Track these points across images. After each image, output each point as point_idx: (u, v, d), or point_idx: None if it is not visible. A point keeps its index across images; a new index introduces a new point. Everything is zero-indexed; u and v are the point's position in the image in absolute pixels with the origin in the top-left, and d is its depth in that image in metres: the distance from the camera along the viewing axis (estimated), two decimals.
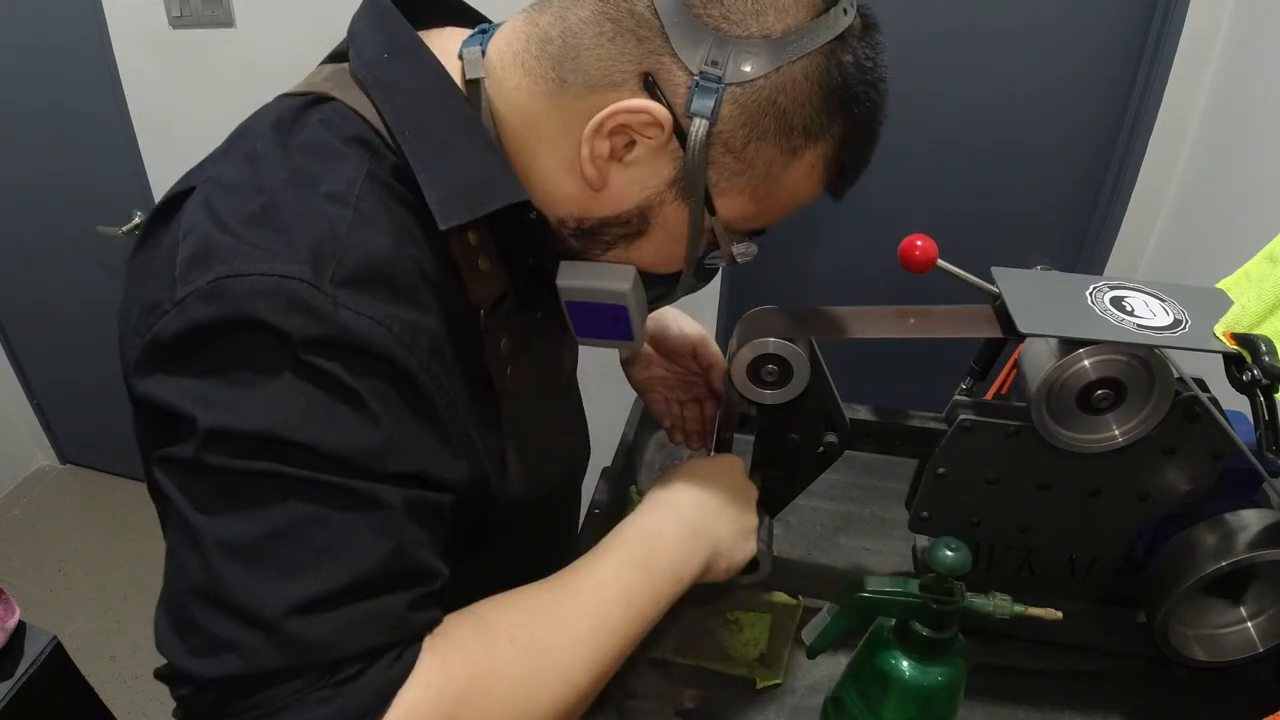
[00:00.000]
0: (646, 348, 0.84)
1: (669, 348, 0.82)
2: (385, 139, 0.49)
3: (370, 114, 0.50)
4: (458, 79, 0.52)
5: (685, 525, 0.60)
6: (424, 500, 0.46)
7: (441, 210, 0.48)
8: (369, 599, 0.43)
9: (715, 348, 0.81)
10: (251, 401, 0.42)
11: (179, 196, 0.48)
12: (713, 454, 0.74)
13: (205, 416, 0.41)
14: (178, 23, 1.65)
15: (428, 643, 0.45)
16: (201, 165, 0.51)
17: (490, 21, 0.57)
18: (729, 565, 0.62)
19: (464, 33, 0.55)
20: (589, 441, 0.80)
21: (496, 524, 0.60)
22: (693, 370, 0.82)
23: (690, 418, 0.85)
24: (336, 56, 0.55)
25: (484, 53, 0.52)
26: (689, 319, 0.83)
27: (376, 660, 0.43)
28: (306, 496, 0.42)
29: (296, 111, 0.49)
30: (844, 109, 0.49)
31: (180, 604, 0.42)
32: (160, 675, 0.44)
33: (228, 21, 1.62)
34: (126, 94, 1.78)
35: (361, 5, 0.54)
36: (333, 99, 0.50)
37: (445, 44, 0.53)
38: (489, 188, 0.49)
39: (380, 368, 0.44)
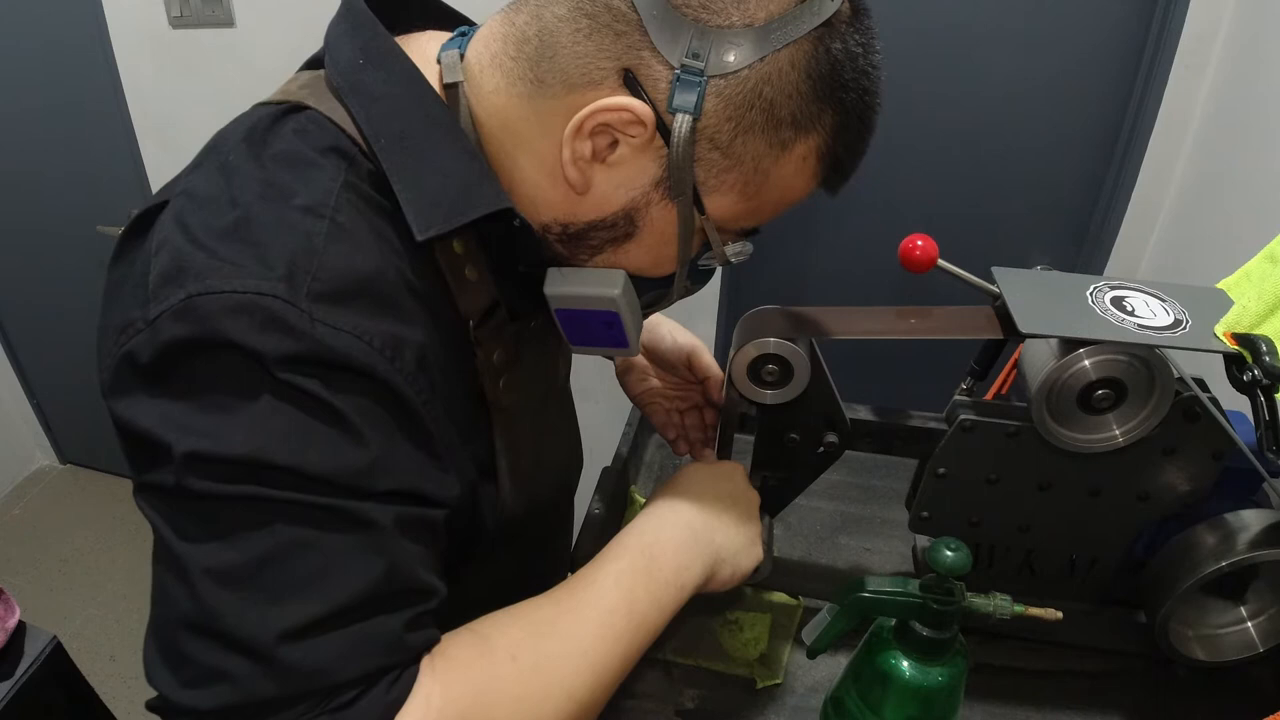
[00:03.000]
0: (642, 360, 0.83)
1: (663, 359, 0.81)
2: (362, 147, 0.48)
3: (346, 122, 0.48)
4: (436, 84, 0.51)
5: (686, 532, 0.59)
6: (416, 517, 0.45)
7: (419, 220, 0.47)
8: (363, 621, 0.42)
9: (709, 358, 0.79)
10: (230, 425, 0.40)
11: (153, 210, 0.47)
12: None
13: (183, 442, 0.40)
14: (178, 23, 1.65)
15: (426, 663, 0.44)
16: (177, 178, 0.50)
17: (472, 23, 0.56)
18: (733, 573, 0.61)
19: (443, 36, 0.54)
20: (582, 452, 0.79)
21: (488, 536, 0.59)
22: (689, 380, 0.81)
23: (692, 426, 0.84)
24: (314, 63, 0.54)
25: (462, 56, 0.51)
26: (682, 329, 0.81)
27: (374, 684, 0.42)
28: (293, 519, 0.41)
29: (270, 121, 0.48)
30: (834, 98, 0.47)
31: (169, 635, 0.41)
32: (152, 707, 0.42)
33: (228, 21, 1.62)
34: (126, 94, 1.78)
35: (338, 10, 0.53)
36: (308, 108, 0.49)
37: (423, 48, 0.52)
38: (468, 196, 0.48)
39: (363, 383, 0.43)
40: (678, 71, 0.45)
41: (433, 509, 0.47)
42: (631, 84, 0.46)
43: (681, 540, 0.58)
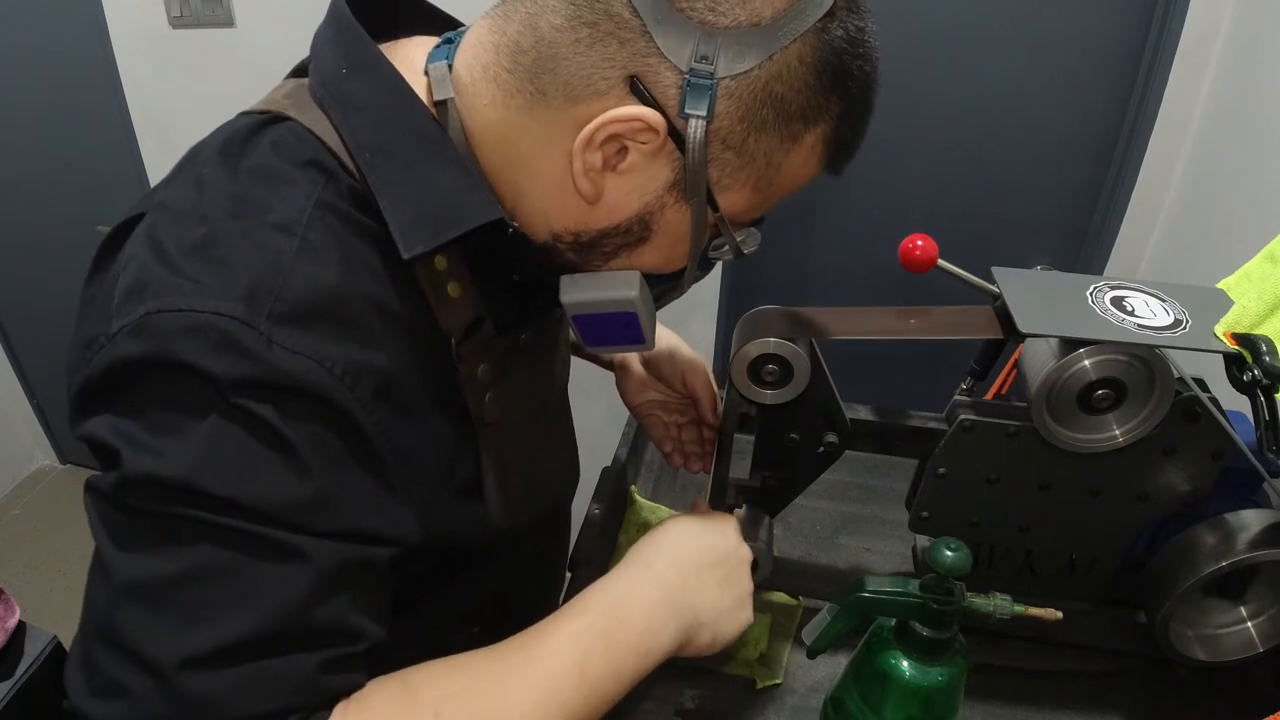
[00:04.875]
0: (641, 371, 0.82)
1: (660, 373, 0.80)
2: (343, 161, 0.47)
3: (329, 134, 0.47)
4: (423, 93, 0.49)
5: (660, 593, 0.54)
6: (354, 557, 0.43)
7: (405, 238, 0.46)
8: (275, 656, 0.40)
9: (704, 377, 0.78)
10: (173, 447, 0.40)
11: (130, 222, 0.47)
12: (708, 485, 0.72)
13: (128, 458, 0.40)
14: (178, 23, 1.65)
15: (339, 710, 0.42)
16: (155, 189, 0.49)
17: (462, 25, 0.55)
18: (713, 639, 0.57)
19: (429, 42, 0.52)
20: (578, 464, 0.77)
21: (475, 553, 0.57)
22: (687, 395, 0.80)
23: (689, 440, 0.82)
24: (301, 70, 0.52)
25: (450, 67, 0.49)
26: (684, 345, 0.80)
27: None
28: (221, 542, 0.40)
29: (248, 133, 0.47)
30: (839, 86, 0.47)
31: (88, 639, 0.41)
32: (64, 710, 0.42)
33: (228, 21, 1.62)
34: (126, 94, 1.78)
35: (326, 16, 0.51)
36: (289, 118, 0.48)
37: (410, 56, 0.51)
38: (456, 209, 0.47)
39: (319, 410, 0.42)
40: (688, 76, 0.44)
41: (376, 546, 0.45)
42: (639, 91, 0.45)
43: (654, 602, 0.54)
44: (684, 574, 0.56)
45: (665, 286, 0.57)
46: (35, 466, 2.60)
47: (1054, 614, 0.58)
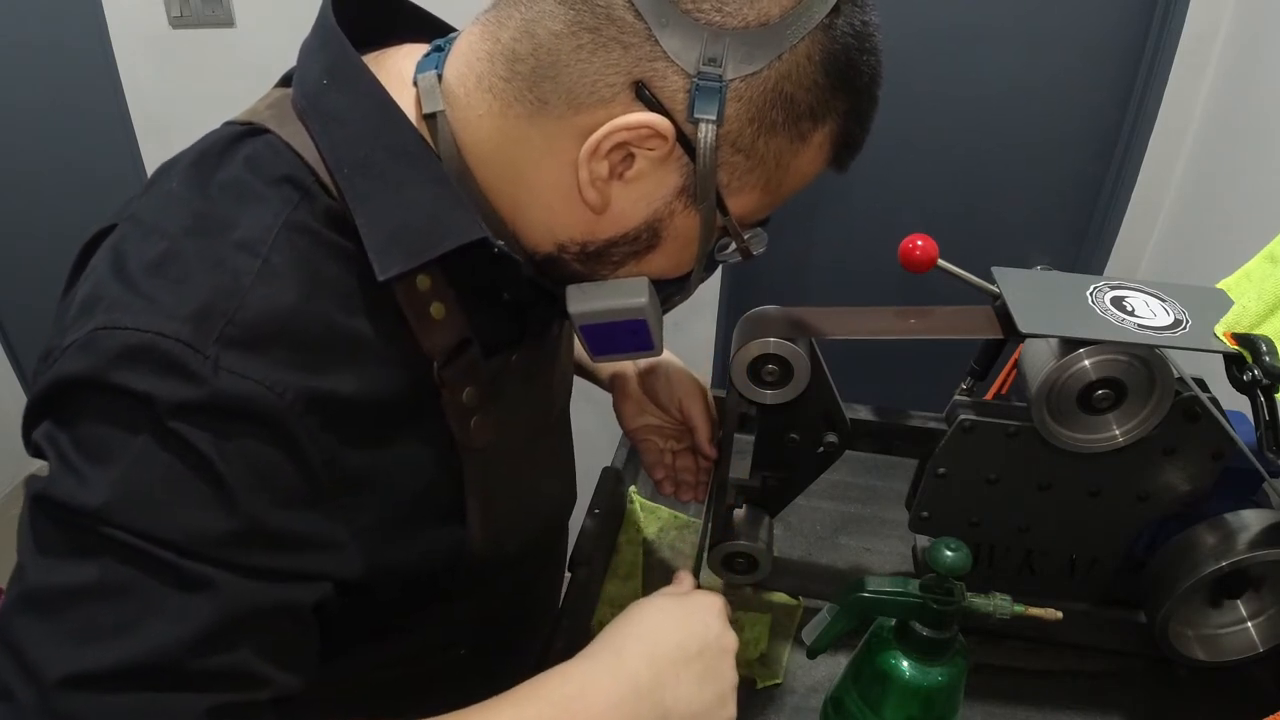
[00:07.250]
0: (639, 392, 0.80)
1: (657, 396, 0.78)
2: (320, 178, 0.45)
3: (307, 148, 0.45)
4: (410, 105, 0.47)
5: (627, 688, 0.49)
6: (271, 597, 0.41)
7: (381, 258, 0.44)
8: (160, 691, 0.38)
9: (700, 406, 0.75)
10: (96, 475, 0.39)
11: (103, 234, 0.45)
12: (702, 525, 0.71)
13: (54, 474, 0.39)
14: (178, 23, 1.65)
15: None
16: (130, 199, 0.48)
17: (455, 30, 0.53)
18: None
19: (418, 50, 0.51)
20: (574, 485, 0.76)
21: (459, 580, 0.56)
22: (681, 422, 0.78)
23: (683, 468, 0.80)
24: (289, 80, 0.50)
25: (440, 76, 0.48)
26: (684, 372, 0.78)
27: None
28: (128, 561, 0.38)
29: (224, 145, 0.46)
30: (846, 83, 0.46)
31: None
32: None
33: (228, 21, 1.63)
34: (126, 94, 1.78)
35: (313, 25, 0.49)
36: (268, 131, 0.46)
37: (397, 66, 0.49)
38: (437, 228, 0.45)
39: (262, 435, 0.40)
40: (696, 80, 0.43)
41: (302, 585, 0.43)
42: (645, 97, 0.43)
43: (617, 698, 0.48)
44: (657, 667, 0.50)
45: (671, 290, 0.56)
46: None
47: (1054, 614, 0.58)
